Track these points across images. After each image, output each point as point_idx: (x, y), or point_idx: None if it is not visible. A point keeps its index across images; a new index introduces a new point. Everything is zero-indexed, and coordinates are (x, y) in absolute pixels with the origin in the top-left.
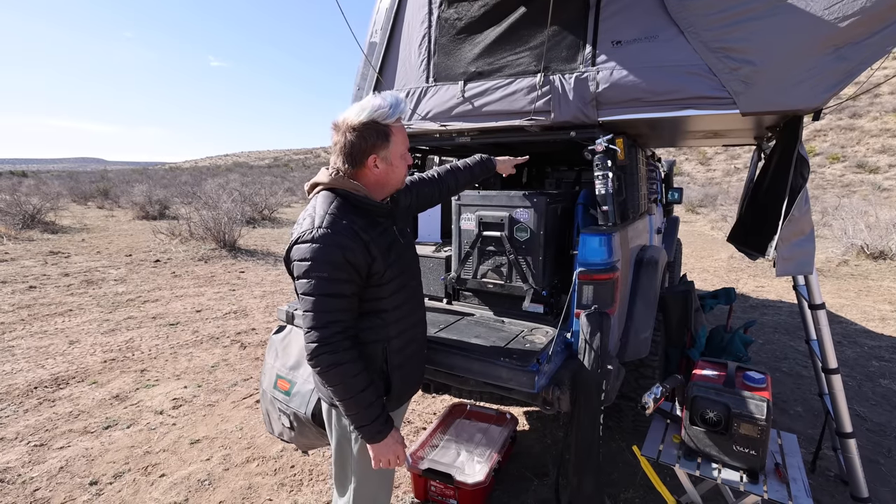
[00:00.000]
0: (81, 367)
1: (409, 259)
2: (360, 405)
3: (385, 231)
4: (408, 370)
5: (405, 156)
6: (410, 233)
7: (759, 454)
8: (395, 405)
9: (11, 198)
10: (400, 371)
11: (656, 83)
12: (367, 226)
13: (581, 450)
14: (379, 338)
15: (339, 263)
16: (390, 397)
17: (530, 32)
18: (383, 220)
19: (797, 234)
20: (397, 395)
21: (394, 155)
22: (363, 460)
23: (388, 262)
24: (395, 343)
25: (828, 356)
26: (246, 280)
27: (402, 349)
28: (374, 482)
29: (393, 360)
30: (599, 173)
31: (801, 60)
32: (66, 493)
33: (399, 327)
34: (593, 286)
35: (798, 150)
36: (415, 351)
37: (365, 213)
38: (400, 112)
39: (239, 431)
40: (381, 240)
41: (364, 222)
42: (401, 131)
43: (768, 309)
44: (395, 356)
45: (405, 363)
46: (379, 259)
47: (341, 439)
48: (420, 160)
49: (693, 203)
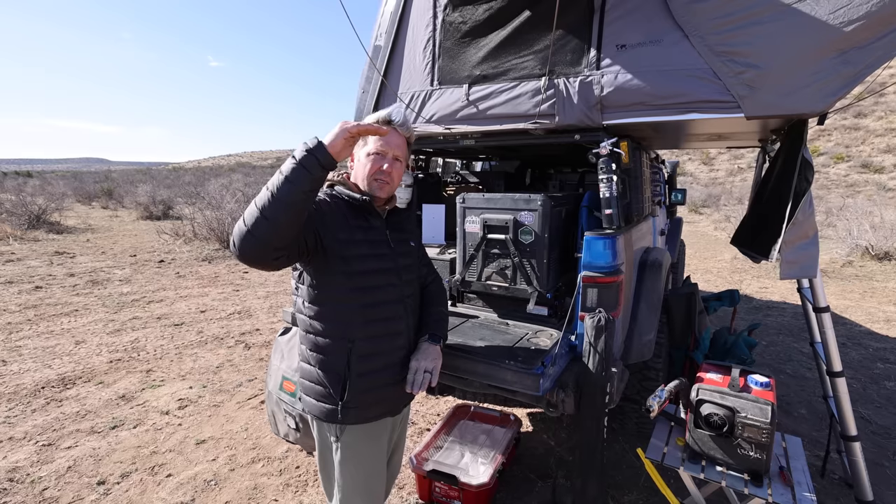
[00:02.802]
0: (88, 368)
1: (394, 267)
2: (279, 180)
3: (372, 229)
4: (371, 384)
5: (373, 156)
6: (414, 247)
7: (763, 457)
8: (354, 418)
9: (17, 198)
10: (362, 380)
11: (661, 87)
12: (351, 216)
13: (585, 452)
14: (341, 333)
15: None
16: (346, 404)
17: (535, 36)
18: (374, 220)
19: (801, 238)
20: (355, 404)
21: (363, 152)
22: (345, 474)
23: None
24: (362, 346)
25: (832, 359)
26: (249, 280)
27: (369, 357)
28: (359, 492)
29: (355, 366)
30: (604, 176)
31: (805, 64)
32: (75, 493)
33: (368, 331)
34: (598, 289)
35: (802, 153)
36: (384, 367)
37: (351, 206)
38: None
39: (244, 432)
40: (360, 232)
41: (349, 212)
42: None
43: (772, 310)
44: (358, 362)
45: (370, 375)
46: (343, 238)
47: (323, 449)
48: (424, 162)
49: (696, 203)
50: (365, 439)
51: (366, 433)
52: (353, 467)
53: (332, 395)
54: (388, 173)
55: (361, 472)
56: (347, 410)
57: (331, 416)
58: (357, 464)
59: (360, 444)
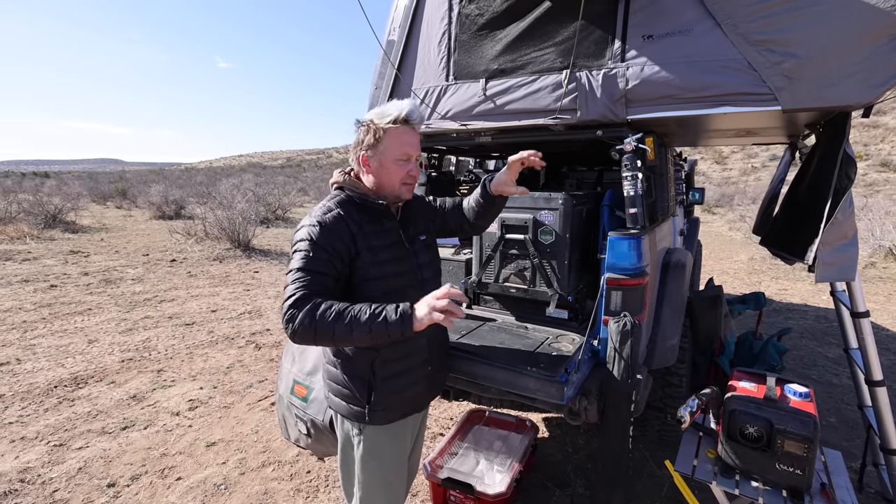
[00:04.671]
0: (100, 367)
1: (412, 266)
2: (364, 330)
3: (386, 231)
4: (398, 385)
5: (400, 161)
6: (424, 241)
7: (804, 473)
8: (382, 418)
9: (34, 198)
10: (387, 384)
11: (690, 79)
12: (365, 221)
13: (609, 463)
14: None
15: (320, 244)
16: (373, 407)
17: (556, 28)
18: (387, 222)
19: (840, 238)
20: (382, 406)
21: (387, 157)
22: (366, 470)
23: (376, 260)
24: (386, 351)
25: (872, 367)
26: (260, 280)
27: (393, 361)
28: (380, 490)
29: (380, 370)
30: (628, 174)
31: (850, 52)
32: (85, 495)
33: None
34: (622, 292)
35: (844, 148)
36: (411, 366)
37: (365, 210)
38: (404, 115)
39: (254, 434)
40: (375, 238)
41: (362, 217)
42: (399, 135)
43: (793, 313)
44: (383, 367)
45: (395, 378)
46: (365, 254)
47: (345, 444)
48: (437, 160)
49: (710, 203)
50: (388, 436)
51: (389, 430)
52: (375, 462)
53: (359, 398)
54: (415, 175)
55: (383, 469)
56: (374, 413)
57: (358, 417)
58: (379, 460)
59: (382, 440)
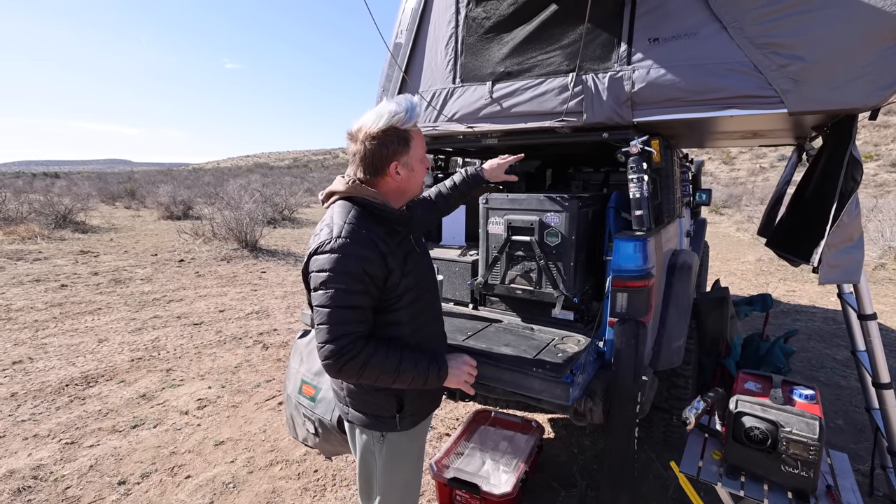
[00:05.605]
0: (110, 366)
1: (425, 269)
2: (407, 375)
3: (403, 241)
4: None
5: (424, 159)
6: (425, 243)
7: (810, 475)
8: (410, 423)
9: (45, 198)
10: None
11: (696, 82)
12: (386, 235)
13: (615, 464)
14: None
15: (356, 275)
16: (403, 415)
17: (562, 31)
18: (401, 229)
19: (845, 241)
20: (411, 412)
21: (414, 160)
22: (387, 473)
23: (404, 272)
24: None
25: (880, 369)
26: (267, 280)
27: None
28: (399, 495)
29: None
30: (634, 176)
31: (857, 55)
32: (96, 493)
33: (413, 341)
34: (628, 294)
35: (850, 150)
36: None
37: (383, 222)
38: (417, 115)
39: (262, 434)
40: (398, 250)
41: (383, 231)
42: (419, 135)
43: (801, 315)
44: None
45: None
46: (396, 270)
47: (365, 453)
48: (443, 162)
49: (717, 204)
50: (408, 439)
51: (410, 433)
52: (397, 466)
53: (389, 408)
54: None
55: (405, 470)
56: (404, 419)
57: (388, 426)
58: (402, 462)
59: (404, 444)
